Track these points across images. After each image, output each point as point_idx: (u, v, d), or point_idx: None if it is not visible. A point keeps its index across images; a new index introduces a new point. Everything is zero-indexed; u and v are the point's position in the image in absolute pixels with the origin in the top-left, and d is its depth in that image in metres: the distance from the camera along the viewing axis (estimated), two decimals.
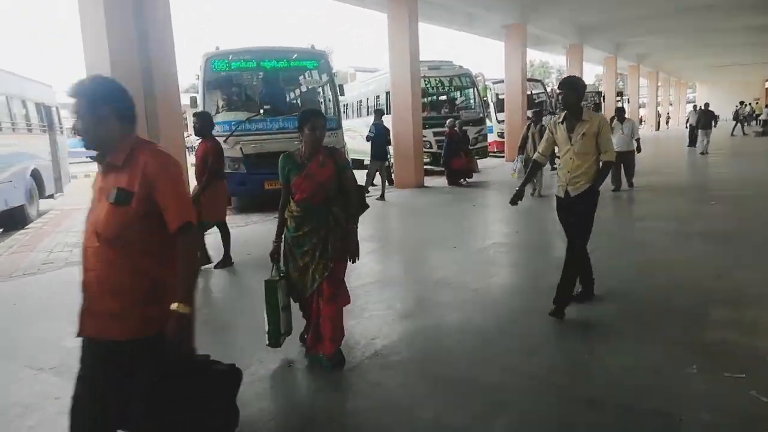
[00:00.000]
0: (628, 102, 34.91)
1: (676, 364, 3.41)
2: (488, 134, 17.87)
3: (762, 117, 30.04)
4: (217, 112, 10.49)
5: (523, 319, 4.32)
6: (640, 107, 39.58)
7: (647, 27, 22.24)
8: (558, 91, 4.41)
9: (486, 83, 21.16)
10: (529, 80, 22.12)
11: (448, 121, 13.61)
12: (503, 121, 19.29)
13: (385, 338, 3.99)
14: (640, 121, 36.34)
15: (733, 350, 3.58)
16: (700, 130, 18.85)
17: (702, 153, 18.07)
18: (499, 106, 20.08)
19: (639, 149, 10.81)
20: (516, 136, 18.99)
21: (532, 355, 3.66)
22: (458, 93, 17.39)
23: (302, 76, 11.27)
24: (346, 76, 24.28)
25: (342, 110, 11.73)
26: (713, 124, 19.01)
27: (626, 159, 10.58)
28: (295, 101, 11.02)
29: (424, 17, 17.43)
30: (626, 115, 11.23)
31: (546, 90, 21.88)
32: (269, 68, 10.97)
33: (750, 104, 41.57)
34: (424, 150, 15.28)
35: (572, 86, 4.21)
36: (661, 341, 3.74)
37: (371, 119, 13.04)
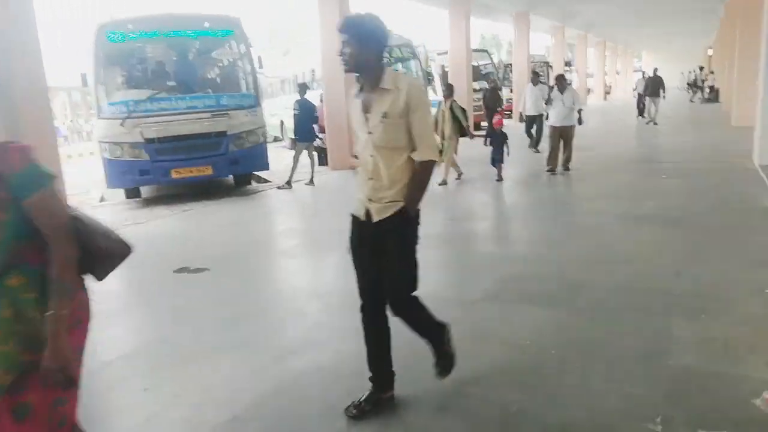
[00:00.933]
0: (576, 72, 34.58)
1: (634, 416, 2.51)
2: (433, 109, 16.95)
3: (708, 83, 30.12)
4: (114, 90, 9.12)
5: None
6: (588, 77, 39.41)
7: None
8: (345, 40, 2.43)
9: (429, 55, 20.19)
10: (475, 51, 21.21)
11: None
12: None
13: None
14: (588, 91, 36.08)
15: (707, 389, 2.70)
16: (647, 98, 17.80)
17: (649, 122, 17.15)
18: (445, 79, 19.16)
19: (581, 121, 9.49)
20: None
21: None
22: (398, 65, 16.25)
23: (214, 48, 9.91)
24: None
25: (259, 85, 10.45)
26: (662, 91, 17.62)
27: (566, 134, 9.32)
28: (205, 76, 9.71)
29: None
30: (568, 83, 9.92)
31: (493, 61, 20.98)
32: (175, 39, 9.59)
33: (694, 71, 42.07)
34: None
35: (359, 32, 2.41)
36: (615, 388, 2.84)
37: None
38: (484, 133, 10.91)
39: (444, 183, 8.92)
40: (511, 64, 24.40)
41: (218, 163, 9.37)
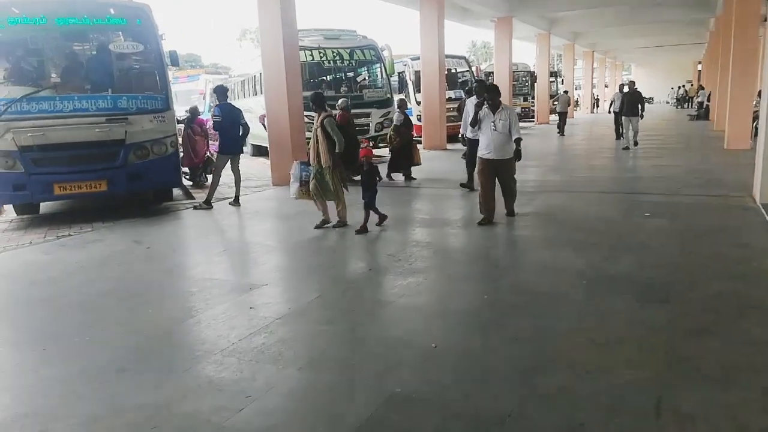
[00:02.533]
0: (563, 83, 33.29)
1: None
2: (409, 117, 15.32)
3: (698, 99, 28.95)
4: None
5: None
6: (576, 89, 38.14)
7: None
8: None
9: (403, 60, 18.70)
10: (452, 57, 19.75)
11: (340, 101, 10.92)
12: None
13: None
14: (576, 103, 34.68)
15: None
16: (623, 118, 14.52)
17: (627, 148, 13.99)
18: (419, 85, 17.64)
19: (519, 155, 6.57)
20: (433, 119, 16.61)
21: None
22: (362, 68, 14.71)
23: (114, 39, 8.24)
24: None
25: (170, 85, 8.78)
26: (641, 109, 14.49)
27: (502, 172, 6.63)
28: (102, 72, 8.04)
29: None
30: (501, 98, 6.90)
31: (471, 68, 19.48)
32: (66, 27, 7.92)
33: (683, 86, 41.05)
34: None
35: None
36: None
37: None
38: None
39: (327, 225, 6.73)
40: (492, 73, 22.97)
41: (114, 178, 7.74)
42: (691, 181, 9.12)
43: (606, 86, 44.51)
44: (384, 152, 13.35)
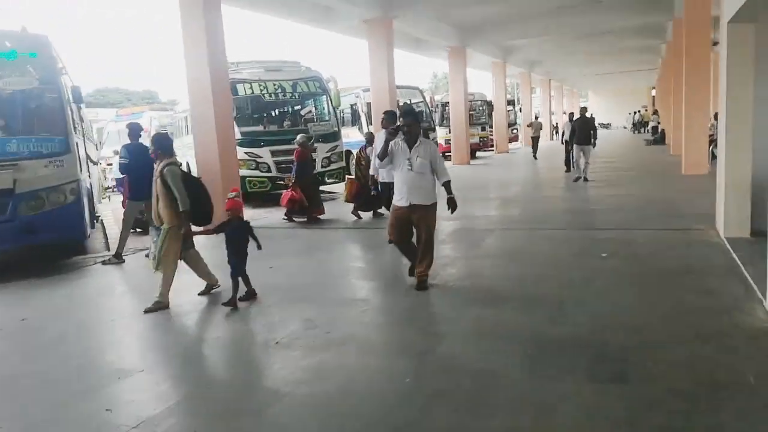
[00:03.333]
0: (521, 111, 33.33)
1: None
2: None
3: (652, 124, 29.24)
4: None
5: None
6: (536, 117, 38.28)
7: (528, 29, 20.20)
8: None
9: (355, 91, 18.14)
10: (405, 87, 19.28)
11: (299, 137, 10.10)
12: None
13: None
14: (555, 128, 34.45)
15: None
16: (575, 146, 13.08)
17: (578, 179, 12.83)
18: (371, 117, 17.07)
19: (453, 204, 5.23)
20: None
21: None
22: (307, 101, 14.01)
23: (6, 75, 7.27)
24: None
25: (77, 124, 7.85)
26: (593, 137, 13.07)
27: (421, 221, 5.23)
28: None
29: (267, 9, 14.33)
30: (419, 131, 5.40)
31: (425, 99, 18.99)
32: None
33: (639, 111, 41.72)
34: (260, 175, 11.91)
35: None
36: None
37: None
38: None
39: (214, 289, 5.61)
40: (444, 104, 22.60)
41: (1, 233, 6.71)
42: (650, 213, 8.53)
43: (564, 113, 44.93)
44: (337, 188, 12.60)
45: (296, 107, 13.12)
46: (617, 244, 6.63)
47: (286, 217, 9.84)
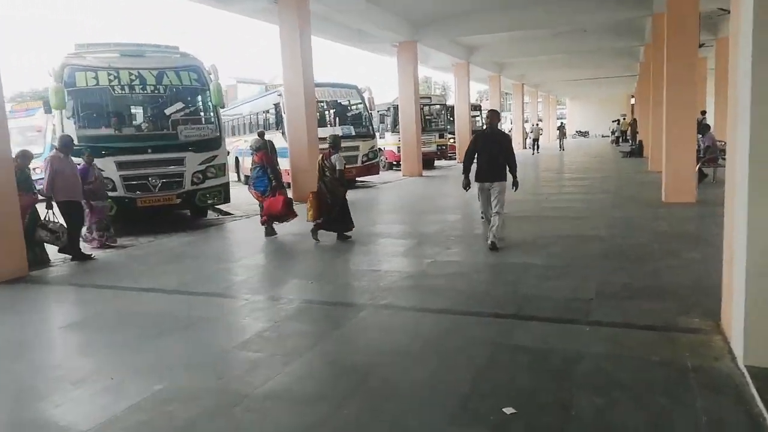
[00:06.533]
0: (511, 121, 30.85)
1: None
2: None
3: (629, 134, 26.64)
4: None
5: None
6: (524, 122, 35.68)
7: (491, 23, 17.62)
8: None
9: (280, 90, 15.08)
10: (340, 86, 16.29)
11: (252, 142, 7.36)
12: None
13: None
14: (561, 131, 31.47)
15: None
16: (478, 186, 7.05)
17: (492, 245, 6.91)
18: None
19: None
20: (303, 165, 12.30)
21: None
22: (177, 97, 10.81)
23: None
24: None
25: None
26: (512, 167, 7.02)
27: None
28: None
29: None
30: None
31: (365, 100, 15.90)
32: None
33: (618, 120, 39.24)
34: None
35: None
36: None
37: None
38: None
39: None
40: (396, 106, 19.65)
41: None
42: (613, 288, 5.29)
43: (540, 120, 42.26)
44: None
45: (161, 105, 9.94)
46: (549, 364, 3.62)
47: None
